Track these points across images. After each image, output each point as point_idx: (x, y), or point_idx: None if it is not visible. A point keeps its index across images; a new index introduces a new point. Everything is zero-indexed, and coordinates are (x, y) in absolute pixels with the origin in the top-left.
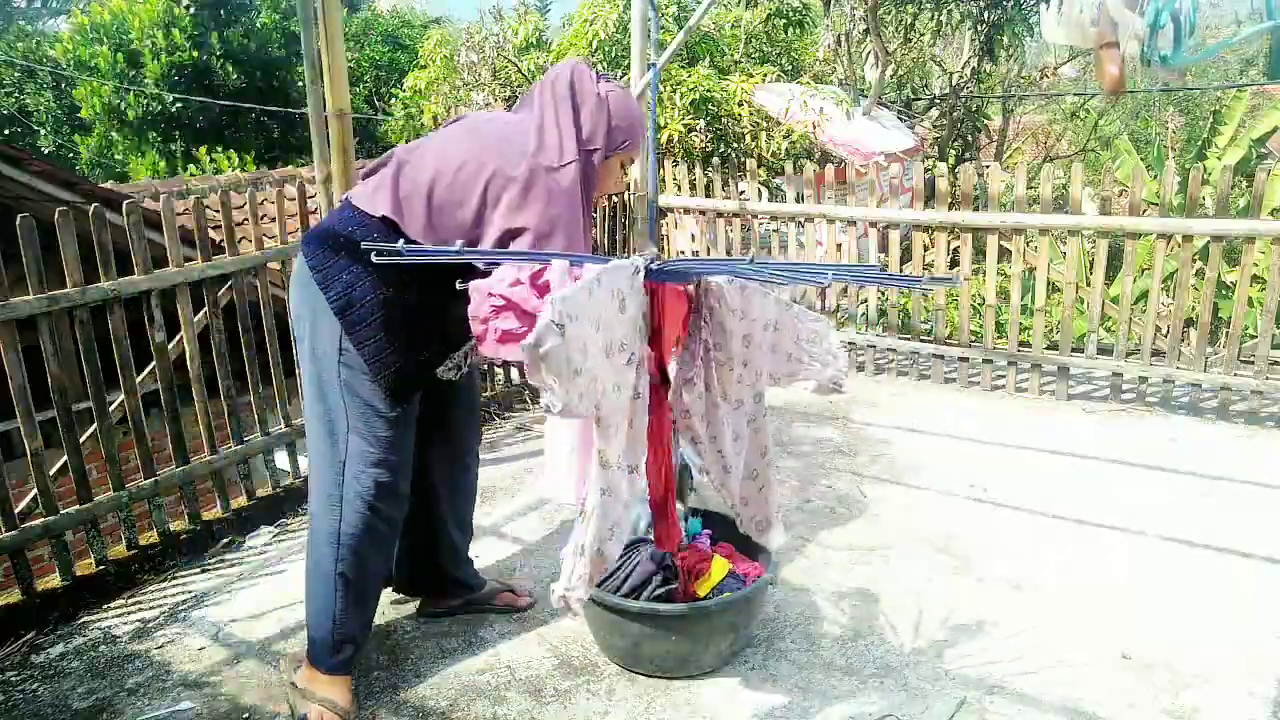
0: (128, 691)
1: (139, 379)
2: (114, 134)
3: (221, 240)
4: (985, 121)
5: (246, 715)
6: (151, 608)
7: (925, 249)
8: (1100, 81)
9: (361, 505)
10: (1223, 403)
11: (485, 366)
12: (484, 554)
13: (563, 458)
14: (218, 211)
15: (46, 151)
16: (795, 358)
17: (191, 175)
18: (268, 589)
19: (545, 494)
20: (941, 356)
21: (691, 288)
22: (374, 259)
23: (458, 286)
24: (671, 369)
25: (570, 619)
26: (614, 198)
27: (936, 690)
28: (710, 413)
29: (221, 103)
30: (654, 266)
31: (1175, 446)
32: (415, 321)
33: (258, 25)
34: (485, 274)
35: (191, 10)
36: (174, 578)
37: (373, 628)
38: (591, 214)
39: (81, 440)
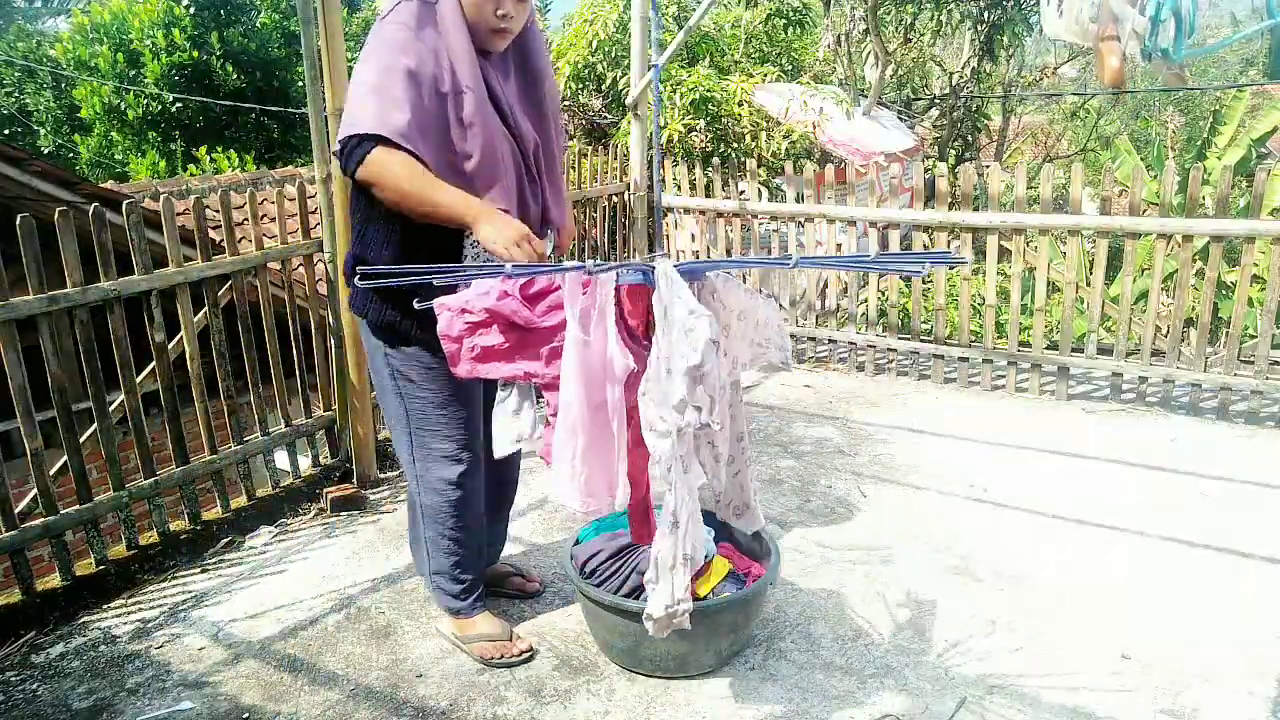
0: (128, 691)
1: (139, 379)
2: (114, 134)
3: (221, 240)
4: (985, 121)
5: (246, 715)
6: (151, 608)
7: (925, 249)
8: (1100, 75)
9: (439, 489)
10: (1223, 403)
11: None
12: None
13: (565, 464)
14: (218, 211)
15: (46, 151)
16: (757, 343)
17: (191, 175)
18: (268, 589)
19: (555, 499)
20: (941, 356)
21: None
22: (358, 283)
23: (416, 307)
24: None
25: (668, 633)
26: (614, 198)
27: (936, 690)
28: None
29: (221, 103)
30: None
31: (1175, 446)
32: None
33: (258, 25)
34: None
35: (191, 10)
36: (174, 578)
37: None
38: (479, 66)
39: (81, 440)
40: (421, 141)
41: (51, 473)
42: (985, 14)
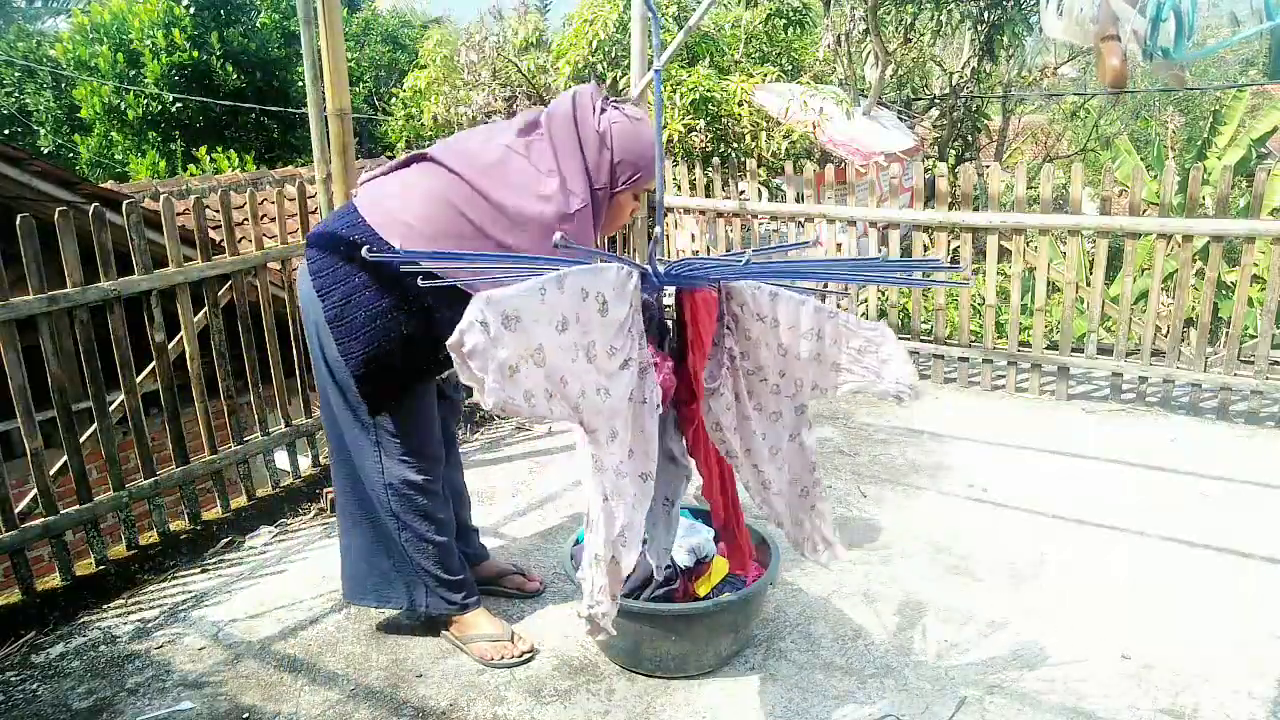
0: (128, 691)
1: (139, 379)
2: (114, 134)
3: (221, 240)
4: (985, 121)
5: (246, 715)
6: (151, 608)
7: (925, 249)
8: (1100, 75)
9: (408, 494)
10: (1223, 403)
11: None
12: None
13: (653, 460)
14: (218, 211)
15: (46, 151)
16: (845, 368)
17: (191, 175)
18: (268, 589)
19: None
20: (941, 356)
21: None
22: (365, 254)
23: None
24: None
25: (602, 637)
26: None
27: (936, 690)
28: (742, 425)
29: (221, 103)
30: (663, 271)
31: (1175, 446)
32: (410, 341)
33: (258, 25)
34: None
35: (191, 10)
36: (174, 578)
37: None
38: (598, 248)
39: (81, 440)
40: None
41: (51, 473)
42: (985, 14)
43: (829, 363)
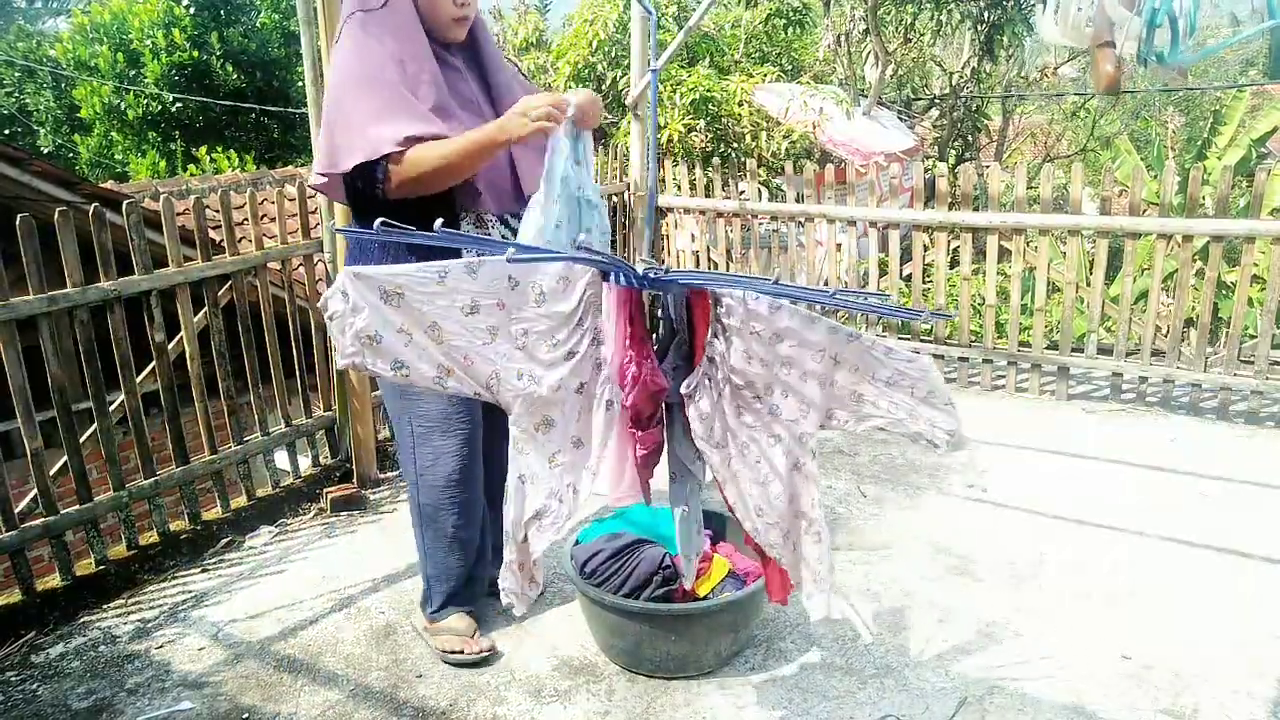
0: (128, 691)
1: (139, 379)
2: (114, 134)
3: (221, 240)
4: (985, 121)
5: (246, 715)
6: (151, 608)
7: (925, 249)
8: (1095, 81)
9: (439, 486)
10: (1223, 403)
11: None
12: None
13: (594, 455)
14: (218, 211)
15: (46, 151)
16: (870, 400)
17: (191, 175)
18: (268, 589)
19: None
20: (942, 356)
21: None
22: (378, 233)
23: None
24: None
25: (516, 613)
26: (613, 197)
27: (936, 690)
28: (727, 441)
29: (221, 103)
30: (650, 274)
31: (1175, 446)
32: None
33: (258, 25)
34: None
35: (191, 10)
36: (174, 578)
37: (476, 576)
38: (437, 58)
39: (81, 440)
40: (441, 121)
41: (51, 473)
42: (985, 14)
43: (848, 391)
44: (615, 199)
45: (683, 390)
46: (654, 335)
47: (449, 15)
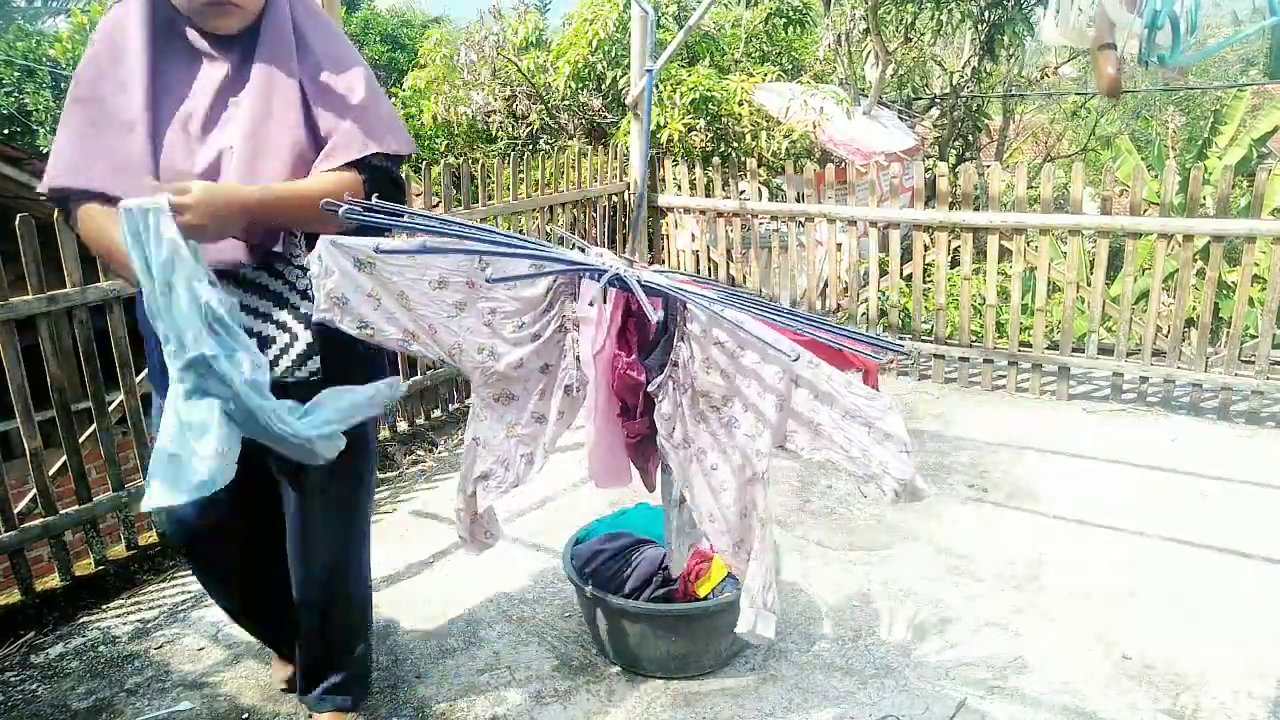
0: (127, 691)
1: (139, 379)
2: None
3: None
4: (986, 121)
5: (246, 715)
6: (151, 608)
7: (926, 248)
8: (1097, 83)
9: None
10: (1223, 403)
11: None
12: (483, 555)
13: (590, 449)
14: None
15: (46, 151)
16: (826, 434)
17: None
18: None
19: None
20: (942, 356)
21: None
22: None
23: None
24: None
25: (475, 553)
26: (614, 197)
27: (936, 690)
28: (683, 442)
29: None
30: (618, 275)
31: (1176, 446)
32: None
33: None
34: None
35: None
36: (174, 578)
37: (263, 628)
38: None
39: (81, 440)
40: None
41: (51, 473)
42: (985, 14)
43: (805, 416)
44: (615, 198)
45: (650, 389)
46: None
47: (199, 1)
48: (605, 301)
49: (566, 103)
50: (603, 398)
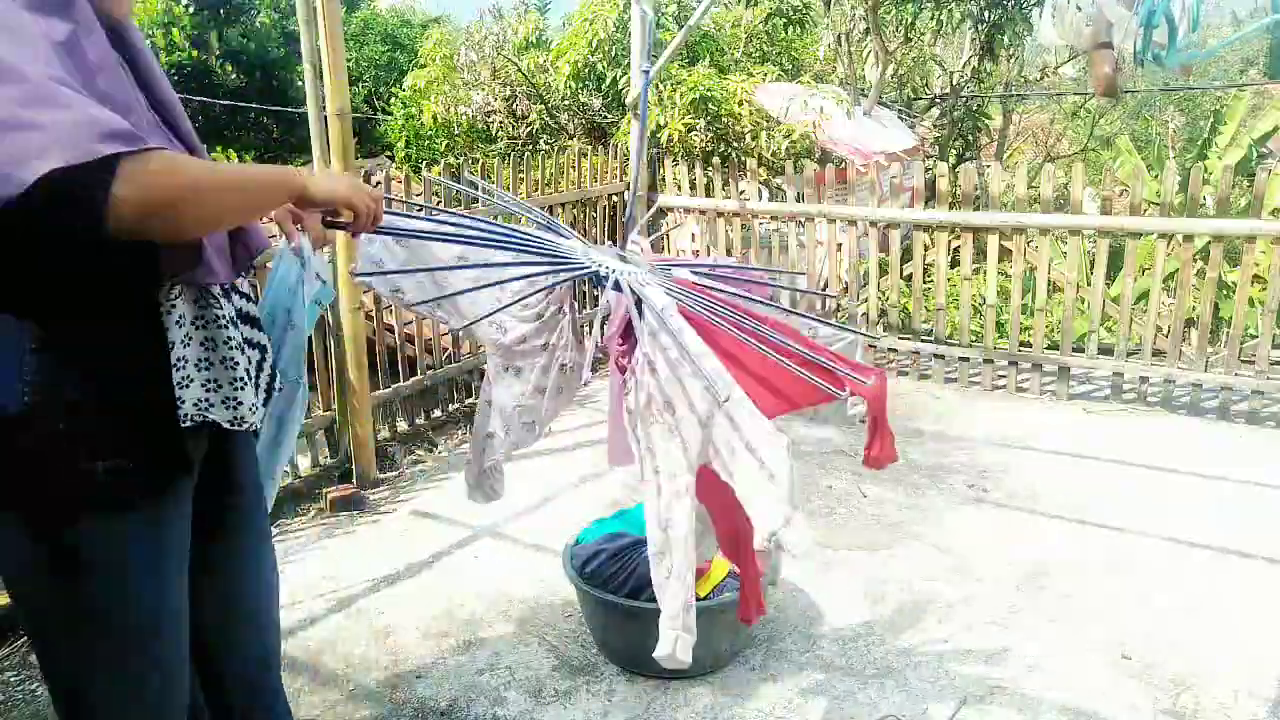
0: None
1: None
2: None
3: None
4: (986, 121)
5: None
6: None
7: (926, 249)
8: (1094, 83)
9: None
10: (1223, 403)
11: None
12: (481, 554)
13: (609, 427)
14: None
15: None
16: (730, 460)
17: None
18: None
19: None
20: (942, 356)
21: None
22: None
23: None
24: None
25: (477, 503)
26: (614, 197)
27: (936, 690)
28: (639, 439)
29: (221, 102)
30: (614, 275)
31: (1175, 446)
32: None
33: (257, 25)
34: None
35: (191, 10)
36: None
37: None
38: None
39: None
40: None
41: None
42: (986, 13)
43: (722, 438)
44: (615, 198)
45: (624, 378)
46: None
47: None
48: (620, 290)
49: (566, 103)
50: (616, 379)
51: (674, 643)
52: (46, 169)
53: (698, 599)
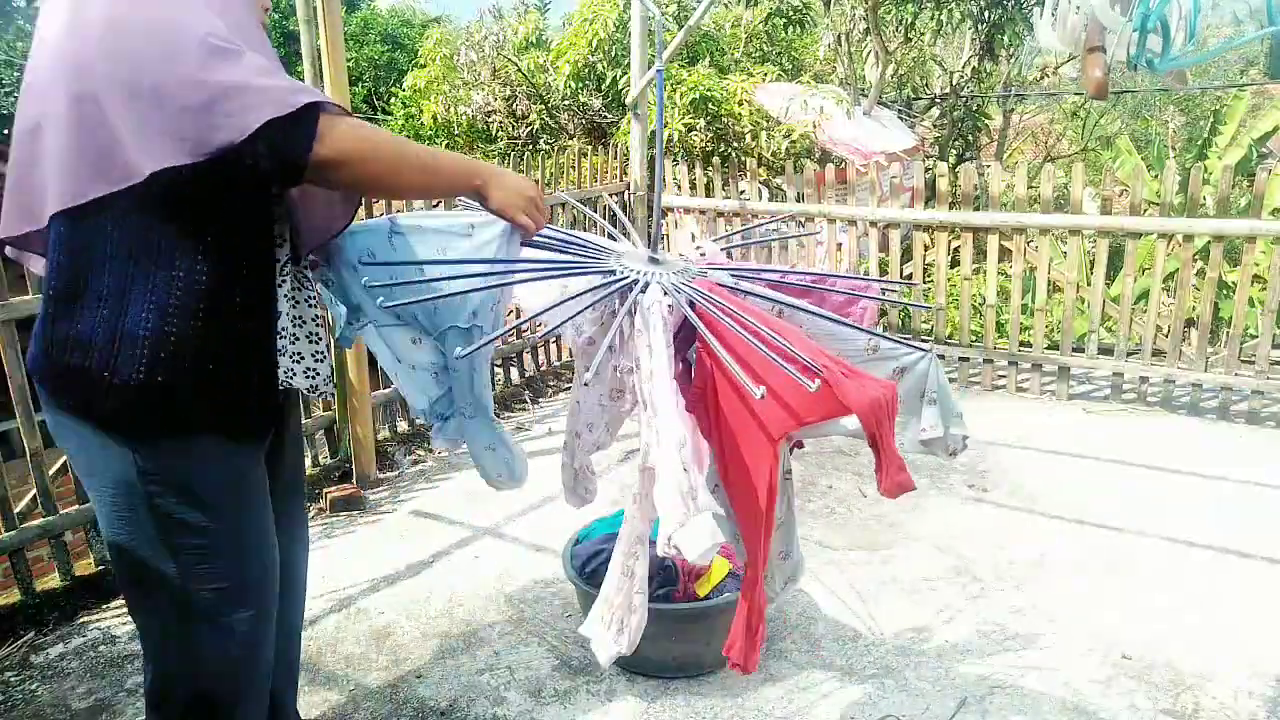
0: (127, 692)
1: None
2: None
3: None
4: (986, 121)
5: None
6: None
7: (926, 249)
8: (1085, 85)
9: (215, 670)
10: (1223, 403)
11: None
12: (481, 554)
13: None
14: None
15: None
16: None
17: None
18: None
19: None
20: (942, 356)
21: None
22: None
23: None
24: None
25: (572, 507)
26: (613, 197)
27: (936, 690)
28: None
29: None
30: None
31: (1175, 446)
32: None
33: None
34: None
35: None
36: None
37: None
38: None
39: None
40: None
41: (51, 473)
42: (986, 13)
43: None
44: (615, 199)
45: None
46: None
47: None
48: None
49: (566, 103)
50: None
51: (614, 650)
52: (266, 118)
53: (696, 599)
